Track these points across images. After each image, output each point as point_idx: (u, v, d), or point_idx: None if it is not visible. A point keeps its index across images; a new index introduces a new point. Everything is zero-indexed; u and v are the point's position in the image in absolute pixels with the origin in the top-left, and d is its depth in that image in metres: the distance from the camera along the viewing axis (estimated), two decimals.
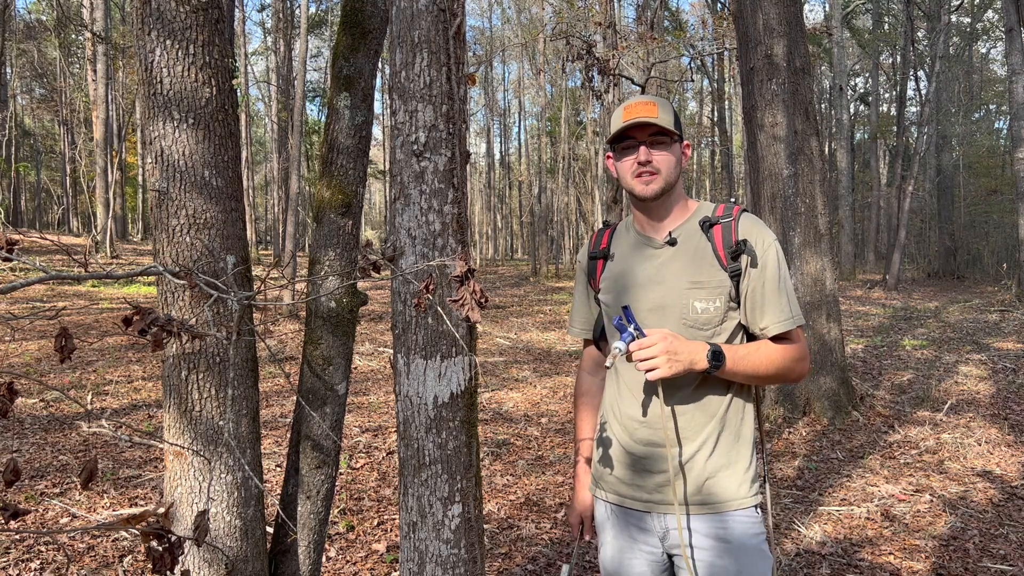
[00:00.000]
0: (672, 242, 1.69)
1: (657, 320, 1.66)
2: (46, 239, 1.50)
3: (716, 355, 1.56)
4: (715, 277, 1.64)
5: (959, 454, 5.19)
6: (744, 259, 1.63)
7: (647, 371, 1.54)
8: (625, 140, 1.68)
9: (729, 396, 1.67)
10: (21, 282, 1.16)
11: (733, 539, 1.63)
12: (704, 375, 1.63)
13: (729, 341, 1.66)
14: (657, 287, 1.67)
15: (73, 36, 27.36)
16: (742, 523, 1.64)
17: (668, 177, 1.67)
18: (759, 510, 1.67)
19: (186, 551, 1.97)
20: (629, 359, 1.58)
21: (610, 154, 1.75)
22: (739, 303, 1.66)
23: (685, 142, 1.73)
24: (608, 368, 1.62)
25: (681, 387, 1.66)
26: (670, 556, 1.72)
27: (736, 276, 1.64)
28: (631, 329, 1.58)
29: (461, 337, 1.62)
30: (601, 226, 1.91)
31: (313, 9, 26.61)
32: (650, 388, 1.70)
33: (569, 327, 2.00)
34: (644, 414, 1.69)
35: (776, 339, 1.65)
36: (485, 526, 3.90)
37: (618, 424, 1.76)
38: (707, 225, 1.67)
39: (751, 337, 1.70)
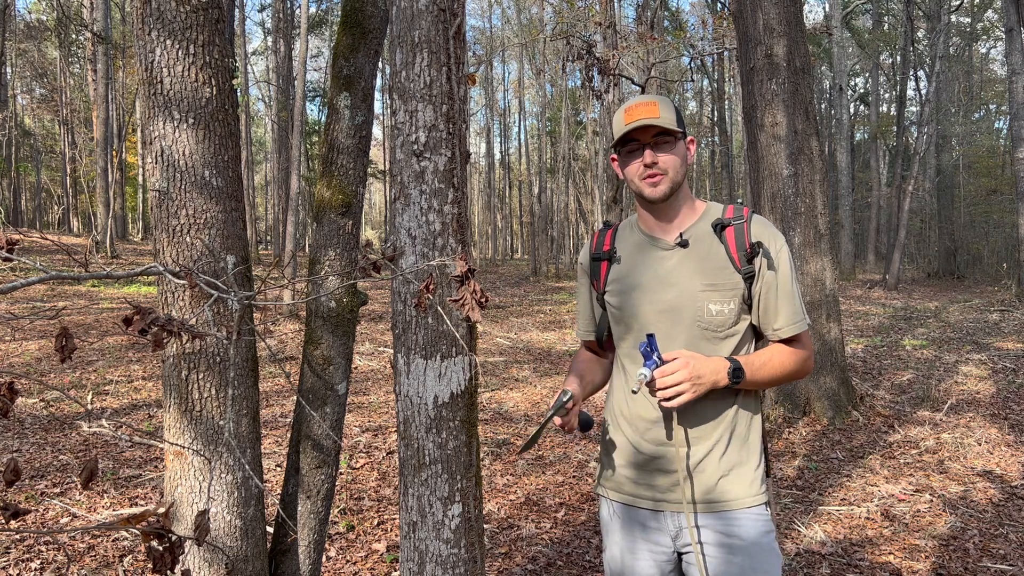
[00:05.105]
0: (684, 243, 1.68)
1: (669, 323, 1.66)
2: (46, 239, 1.50)
3: (736, 372, 1.59)
4: (730, 279, 1.64)
5: (959, 454, 5.19)
6: (759, 261, 1.64)
7: (672, 398, 1.55)
8: (629, 143, 1.67)
9: (738, 399, 1.68)
10: (21, 282, 1.16)
11: (745, 537, 1.64)
12: None
13: (741, 343, 1.68)
14: (669, 289, 1.67)
15: (73, 36, 27.33)
16: (753, 521, 1.65)
17: (675, 177, 1.66)
18: (768, 508, 1.69)
19: (186, 551, 1.97)
20: (651, 387, 1.59)
21: (614, 156, 1.74)
22: (751, 305, 1.67)
23: (689, 138, 1.72)
24: (635, 393, 1.61)
25: None
26: (680, 554, 1.72)
27: (750, 278, 1.64)
28: (655, 357, 1.59)
29: (461, 337, 1.62)
30: (601, 226, 1.89)
31: (313, 9, 26.60)
32: None
33: (576, 330, 1.98)
34: (655, 415, 1.70)
35: (786, 341, 1.68)
36: (485, 526, 3.90)
37: (628, 424, 1.75)
38: (719, 227, 1.67)
39: (759, 337, 1.73)
